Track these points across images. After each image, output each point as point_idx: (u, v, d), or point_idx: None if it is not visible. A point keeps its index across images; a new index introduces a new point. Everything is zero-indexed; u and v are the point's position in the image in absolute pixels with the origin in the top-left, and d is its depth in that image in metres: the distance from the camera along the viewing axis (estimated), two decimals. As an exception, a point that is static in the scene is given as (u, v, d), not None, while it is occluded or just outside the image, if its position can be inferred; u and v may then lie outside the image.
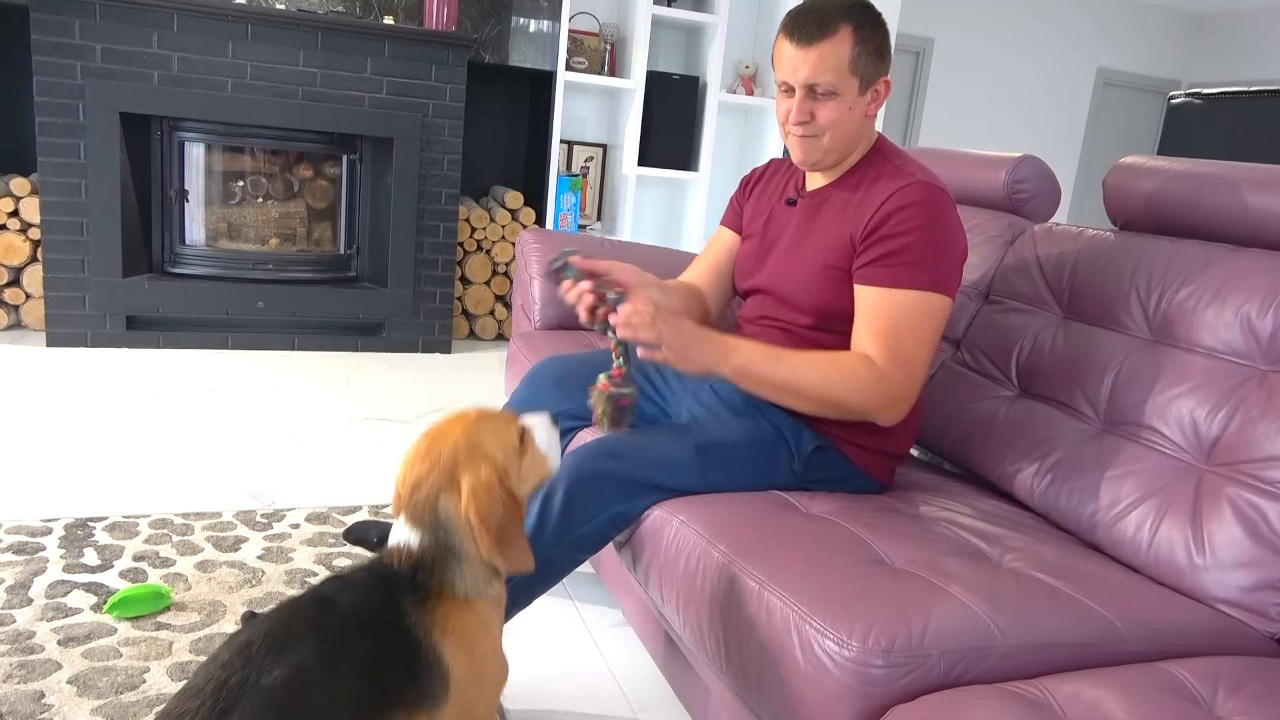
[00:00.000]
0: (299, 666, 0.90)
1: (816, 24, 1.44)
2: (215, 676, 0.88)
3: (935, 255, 1.44)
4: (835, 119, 1.48)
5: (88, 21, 3.14)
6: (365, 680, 0.94)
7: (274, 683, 0.88)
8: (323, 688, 0.91)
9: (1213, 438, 1.37)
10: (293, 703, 0.88)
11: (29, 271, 3.45)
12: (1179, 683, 1.03)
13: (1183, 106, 3.00)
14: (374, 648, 0.96)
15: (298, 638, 0.92)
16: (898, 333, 1.43)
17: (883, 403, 1.44)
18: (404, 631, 0.99)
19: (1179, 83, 7.91)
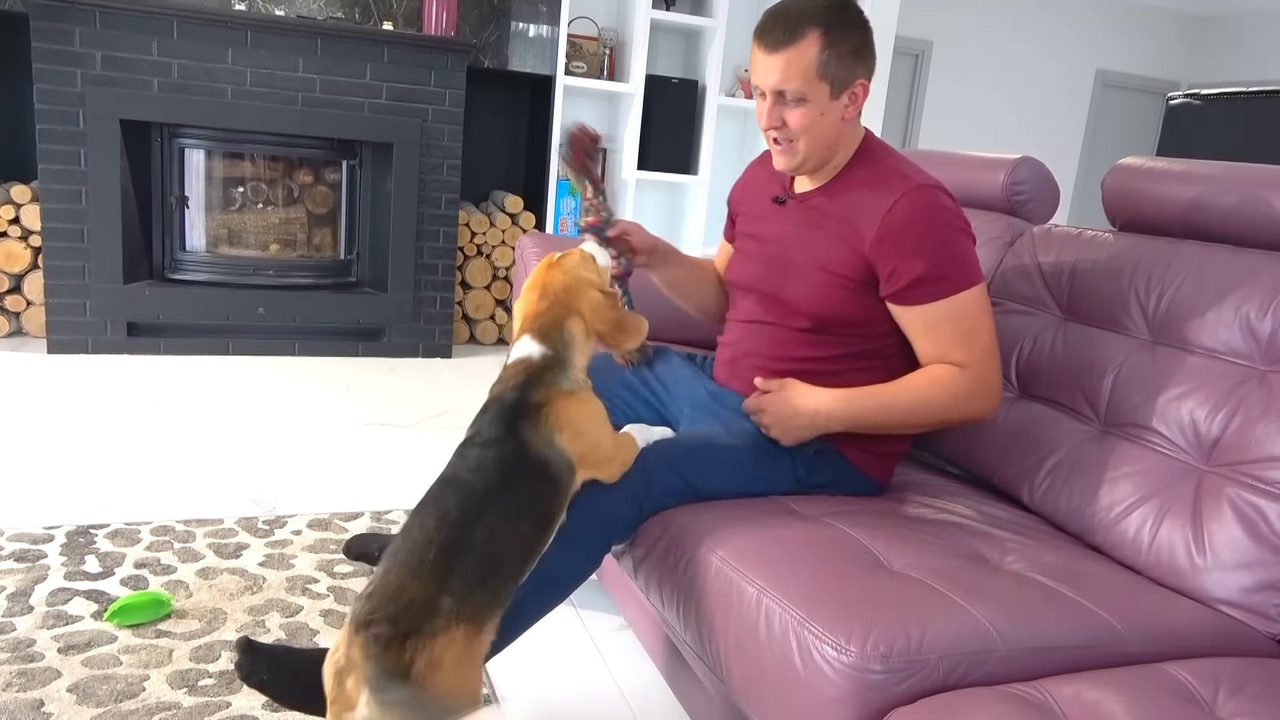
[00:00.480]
0: (495, 526, 1.16)
1: (783, 29, 1.43)
2: (412, 547, 1.13)
3: (957, 254, 1.46)
4: (806, 125, 1.48)
5: (88, 29, 3.15)
6: (534, 515, 1.22)
7: (476, 538, 1.14)
8: (513, 532, 1.19)
9: (1213, 438, 1.37)
10: (499, 552, 1.16)
11: (30, 279, 3.46)
12: (1180, 684, 1.03)
13: (1181, 107, 3.00)
14: (523, 486, 1.22)
15: (477, 498, 1.18)
16: (973, 334, 1.46)
17: (989, 400, 1.48)
18: (534, 457, 1.23)
19: (1178, 84, 7.91)
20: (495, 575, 1.15)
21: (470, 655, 1.11)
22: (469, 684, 1.11)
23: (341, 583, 1.89)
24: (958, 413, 1.48)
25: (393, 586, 1.09)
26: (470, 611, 1.10)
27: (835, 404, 1.48)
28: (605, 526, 1.40)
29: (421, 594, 1.08)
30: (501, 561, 1.16)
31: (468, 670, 1.11)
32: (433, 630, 1.06)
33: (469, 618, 1.09)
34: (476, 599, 1.11)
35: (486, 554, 1.14)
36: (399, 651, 1.04)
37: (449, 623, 1.07)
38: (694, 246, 4.34)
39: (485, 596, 1.13)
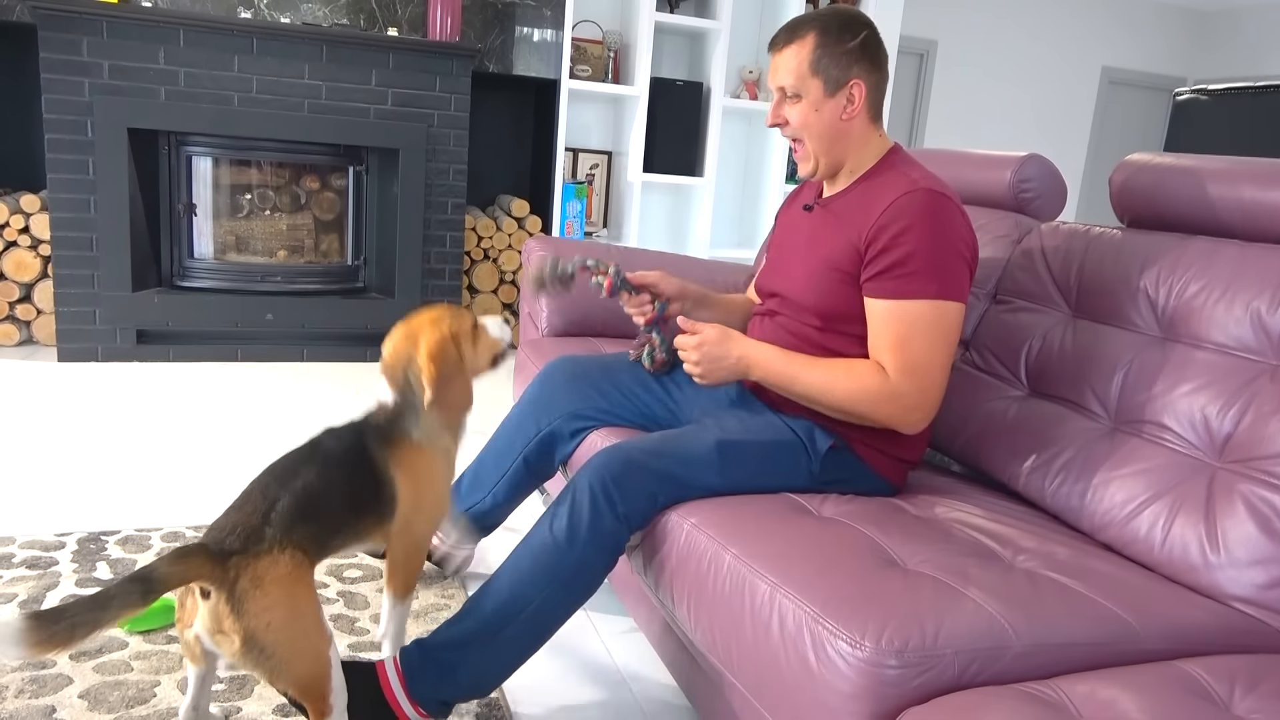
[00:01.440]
0: (307, 480, 1.30)
1: (787, 31, 1.55)
2: (255, 490, 1.28)
3: (940, 262, 1.44)
4: (803, 121, 1.55)
5: (95, 39, 3.16)
6: (350, 493, 1.35)
7: (296, 487, 1.28)
8: (326, 494, 1.31)
9: (1225, 434, 1.36)
10: (312, 499, 1.28)
11: (40, 287, 3.48)
12: (1195, 681, 1.02)
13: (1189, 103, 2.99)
14: (352, 473, 1.36)
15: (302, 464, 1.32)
16: (908, 344, 1.44)
17: (896, 413, 1.46)
18: (372, 465, 1.38)
19: (1184, 80, 7.88)
20: (315, 515, 1.28)
21: (295, 580, 1.22)
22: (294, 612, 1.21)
23: (351, 587, 1.89)
24: (862, 409, 1.47)
25: (223, 522, 1.24)
26: (295, 537, 1.24)
27: (758, 354, 1.54)
28: (624, 522, 1.41)
29: (246, 524, 1.23)
30: (319, 502, 1.29)
31: (291, 595, 1.21)
32: (255, 551, 1.20)
33: (293, 544, 1.23)
34: (300, 529, 1.25)
35: (305, 496, 1.28)
36: (224, 568, 1.18)
37: (272, 544, 1.21)
38: (700, 249, 4.34)
39: (307, 530, 1.26)
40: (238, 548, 1.19)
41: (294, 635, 1.20)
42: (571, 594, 1.41)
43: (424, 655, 1.37)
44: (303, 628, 1.22)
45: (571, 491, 1.42)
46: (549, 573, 1.39)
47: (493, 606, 1.38)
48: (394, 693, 1.36)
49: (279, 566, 1.20)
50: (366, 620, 1.78)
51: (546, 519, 1.42)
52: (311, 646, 1.23)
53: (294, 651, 1.20)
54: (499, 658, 1.39)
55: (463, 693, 1.38)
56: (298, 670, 1.21)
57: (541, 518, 1.43)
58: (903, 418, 1.46)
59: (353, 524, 1.36)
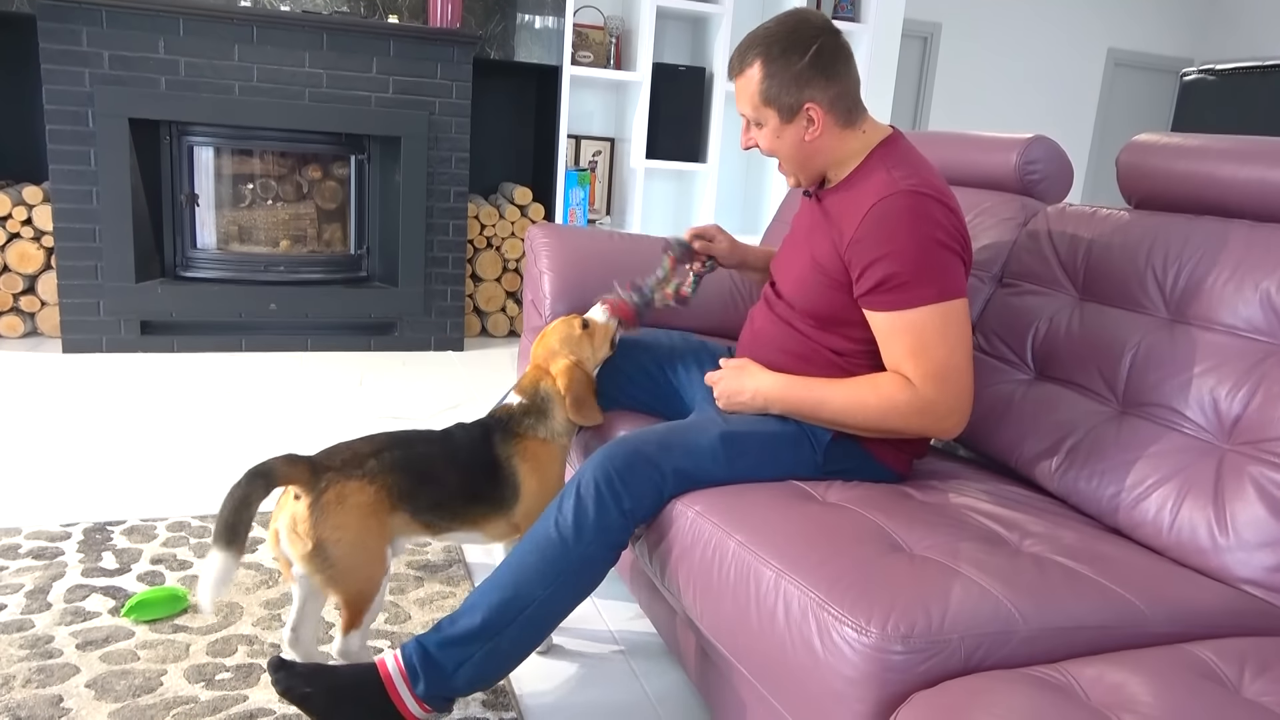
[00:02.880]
0: (429, 450, 1.49)
1: (738, 58, 1.52)
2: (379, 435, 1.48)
3: (932, 264, 1.40)
4: (771, 146, 1.54)
5: (94, 29, 3.15)
6: (463, 474, 1.51)
7: (416, 450, 1.48)
8: (440, 467, 1.48)
9: (1234, 416, 1.35)
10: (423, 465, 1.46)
11: (44, 279, 3.48)
12: (1204, 664, 1.01)
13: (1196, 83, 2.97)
14: (471, 460, 1.54)
15: (429, 440, 1.52)
16: (925, 351, 1.40)
17: (932, 423, 1.42)
18: (492, 456, 1.56)
19: (1190, 61, 7.82)
20: (418, 474, 1.45)
21: (373, 511, 1.39)
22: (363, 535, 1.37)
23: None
24: (895, 425, 1.44)
25: (341, 446, 1.44)
26: (389, 480, 1.41)
27: (774, 387, 1.53)
28: (629, 516, 1.40)
29: (355, 451, 1.42)
30: (431, 471, 1.47)
31: (365, 521, 1.38)
32: (350, 474, 1.38)
33: (385, 484, 1.40)
34: (398, 477, 1.42)
35: (418, 460, 1.46)
36: (318, 479, 1.36)
37: (366, 475, 1.39)
38: (704, 235, 4.32)
39: (405, 482, 1.43)
40: (336, 466, 1.38)
41: (357, 555, 1.37)
42: (576, 589, 1.41)
43: (425, 653, 1.36)
44: (367, 552, 1.38)
45: (576, 485, 1.41)
46: (554, 568, 1.38)
47: (497, 602, 1.37)
48: (397, 691, 1.35)
49: (364, 494, 1.37)
50: (372, 608, 1.77)
51: (551, 513, 1.41)
52: (369, 569, 1.39)
53: (352, 568, 1.37)
54: (501, 654, 1.38)
55: (465, 688, 1.38)
56: (350, 585, 1.38)
57: (546, 512, 1.43)
58: (939, 425, 1.43)
59: (462, 508, 1.51)
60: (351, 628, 1.43)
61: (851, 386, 1.46)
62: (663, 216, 4.62)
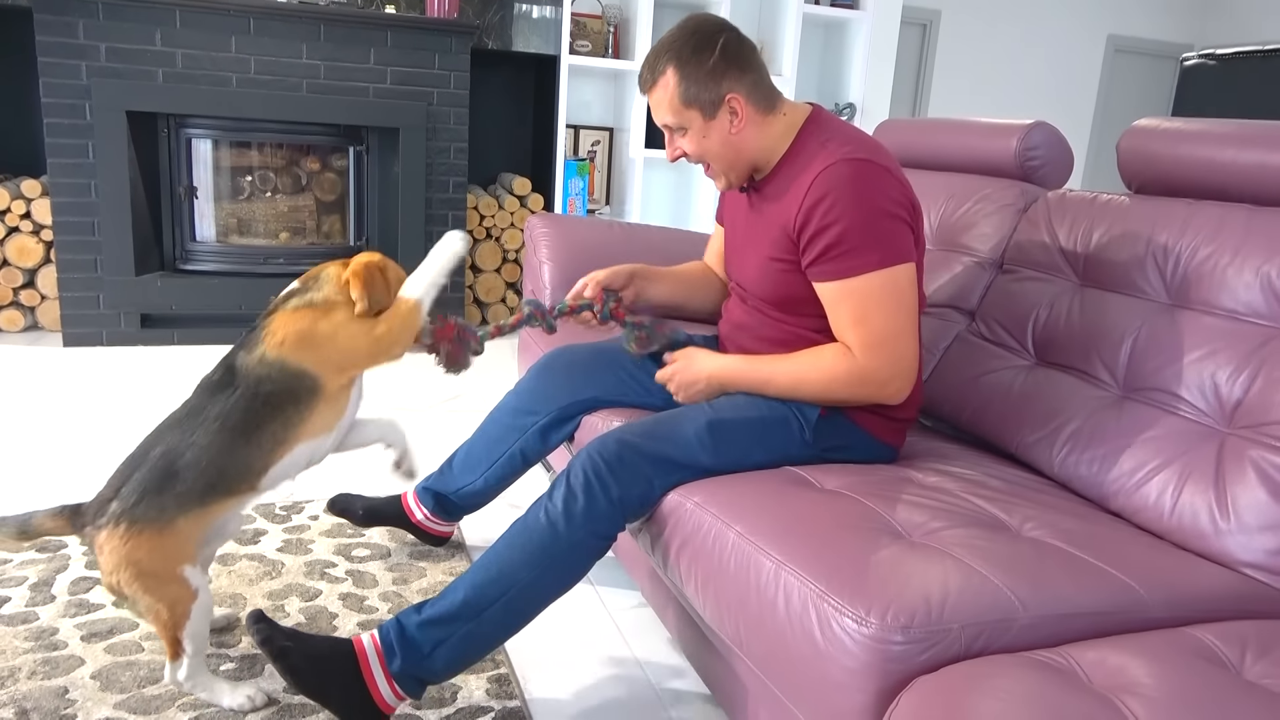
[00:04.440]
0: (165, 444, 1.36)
1: (648, 71, 1.53)
2: (121, 467, 1.38)
3: (876, 230, 1.41)
4: (699, 149, 1.54)
5: (91, 21, 3.14)
6: (218, 433, 1.36)
7: (150, 456, 1.36)
8: (187, 449, 1.35)
9: (1234, 401, 1.35)
10: (165, 463, 1.34)
11: (43, 273, 3.47)
12: (1205, 647, 1.02)
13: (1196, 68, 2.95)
14: (217, 409, 1.37)
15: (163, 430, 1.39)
16: (868, 318, 1.43)
17: (873, 390, 1.46)
18: (237, 382, 1.38)
19: (1190, 47, 7.78)
20: (166, 475, 1.34)
21: (137, 548, 1.32)
22: (139, 573, 1.32)
23: (360, 566, 1.90)
24: (839, 394, 1.47)
25: (101, 492, 1.37)
26: (137, 512, 1.32)
27: (723, 369, 1.57)
28: (618, 505, 1.40)
29: (100, 497, 1.35)
30: (182, 461, 1.35)
31: (132, 560, 1.32)
32: (97, 524, 1.33)
33: (134, 518, 1.32)
34: (147, 500, 1.33)
35: (159, 461, 1.35)
36: (82, 535, 1.34)
37: (109, 520, 1.33)
38: (703, 224, 4.32)
39: (156, 500, 1.33)
40: (89, 519, 1.35)
41: (144, 591, 1.33)
42: (560, 576, 1.41)
43: (403, 631, 1.36)
44: (151, 585, 1.33)
45: (566, 476, 1.42)
46: (540, 553, 1.38)
47: (479, 583, 1.38)
48: (371, 672, 1.35)
49: (115, 538, 1.32)
50: (375, 599, 1.78)
51: (542, 501, 1.42)
52: (166, 600, 1.35)
53: (149, 603, 1.34)
54: (480, 636, 1.37)
55: (442, 669, 1.37)
56: (153, 616, 1.35)
57: (537, 500, 1.43)
58: (880, 392, 1.46)
59: (249, 448, 1.37)
60: (174, 658, 1.39)
61: (795, 361, 1.51)
62: (662, 206, 4.61)
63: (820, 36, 4.68)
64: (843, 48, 4.55)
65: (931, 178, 2.13)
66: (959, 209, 1.99)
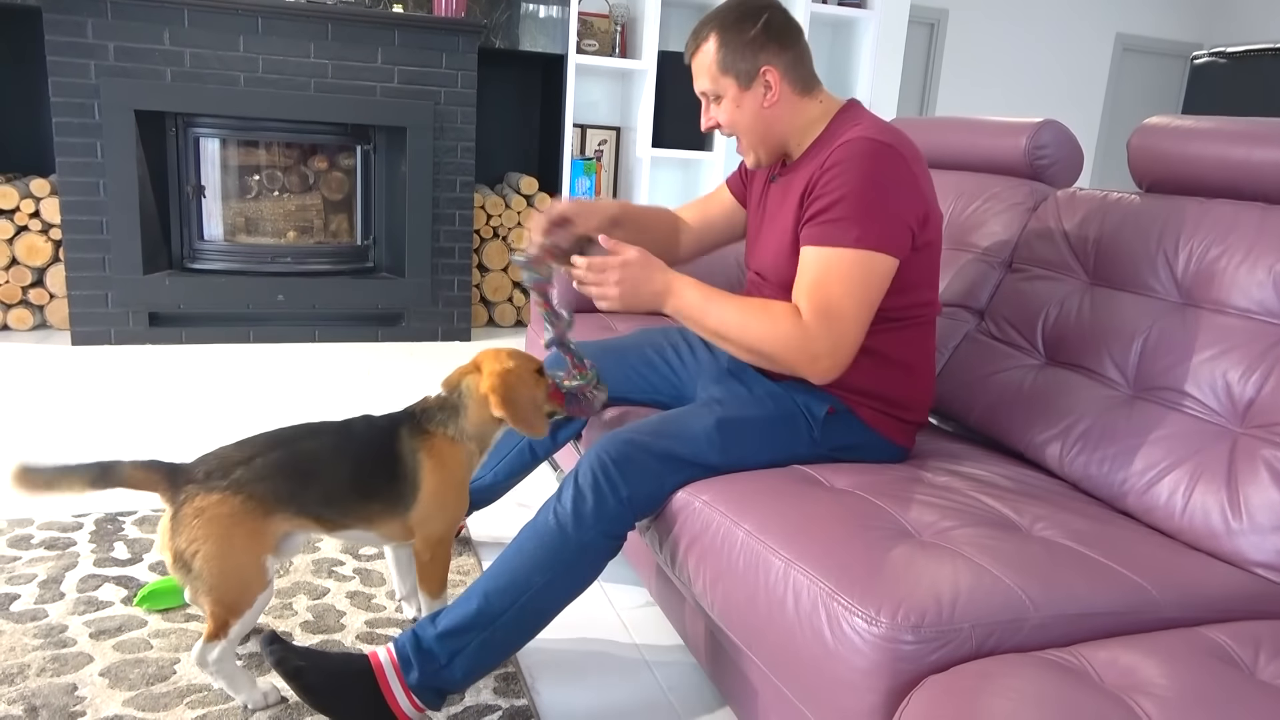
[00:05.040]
0: (317, 446, 1.40)
1: (692, 37, 1.56)
2: (262, 436, 1.39)
3: (870, 209, 1.40)
4: (732, 119, 1.56)
5: (100, 20, 3.15)
6: (356, 469, 1.41)
7: (299, 447, 1.39)
8: (328, 463, 1.39)
9: (1247, 400, 1.34)
10: (310, 463, 1.38)
11: (52, 271, 3.48)
12: (1218, 647, 1.01)
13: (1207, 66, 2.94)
14: (370, 454, 1.43)
15: (321, 434, 1.43)
16: (824, 287, 1.40)
17: (804, 357, 1.40)
18: (394, 451, 1.44)
19: (1199, 46, 7.75)
20: (301, 473, 1.36)
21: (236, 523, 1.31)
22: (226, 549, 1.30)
23: (367, 565, 1.90)
24: (771, 349, 1.41)
25: (213, 455, 1.36)
26: (260, 488, 1.33)
27: (680, 285, 1.48)
28: (628, 505, 1.40)
29: (224, 459, 1.34)
30: (318, 468, 1.38)
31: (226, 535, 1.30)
32: (210, 486, 1.31)
33: (254, 493, 1.32)
34: (272, 482, 1.34)
35: (303, 458, 1.38)
36: (177, 491, 1.31)
37: (230, 486, 1.31)
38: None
39: (282, 485, 1.34)
40: (199, 478, 1.31)
41: (220, 568, 1.31)
42: (574, 578, 1.40)
43: (419, 643, 1.36)
44: (233, 565, 1.32)
45: (574, 476, 1.41)
46: (552, 556, 1.38)
47: (492, 590, 1.37)
48: (389, 685, 1.34)
49: (226, 506, 1.30)
50: (383, 597, 1.78)
51: (550, 504, 1.42)
52: (236, 582, 1.33)
53: (216, 582, 1.31)
54: (496, 643, 1.37)
55: (461, 679, 1.37)
56: (216, 596, 1.32)
57: (546, 503, 1.43)
58: (812, 365, 1.41)
59: (356, 504, 1.42)
60: (214, 638, 1.35)
61: (745, 305, 1.46)
62: (669, 204, 4.60)
63: (828, 35, 4.68)
64: (850, 46, 4.54)
65: (941, 176, 2.12)
66: (968, 207, 1.98)
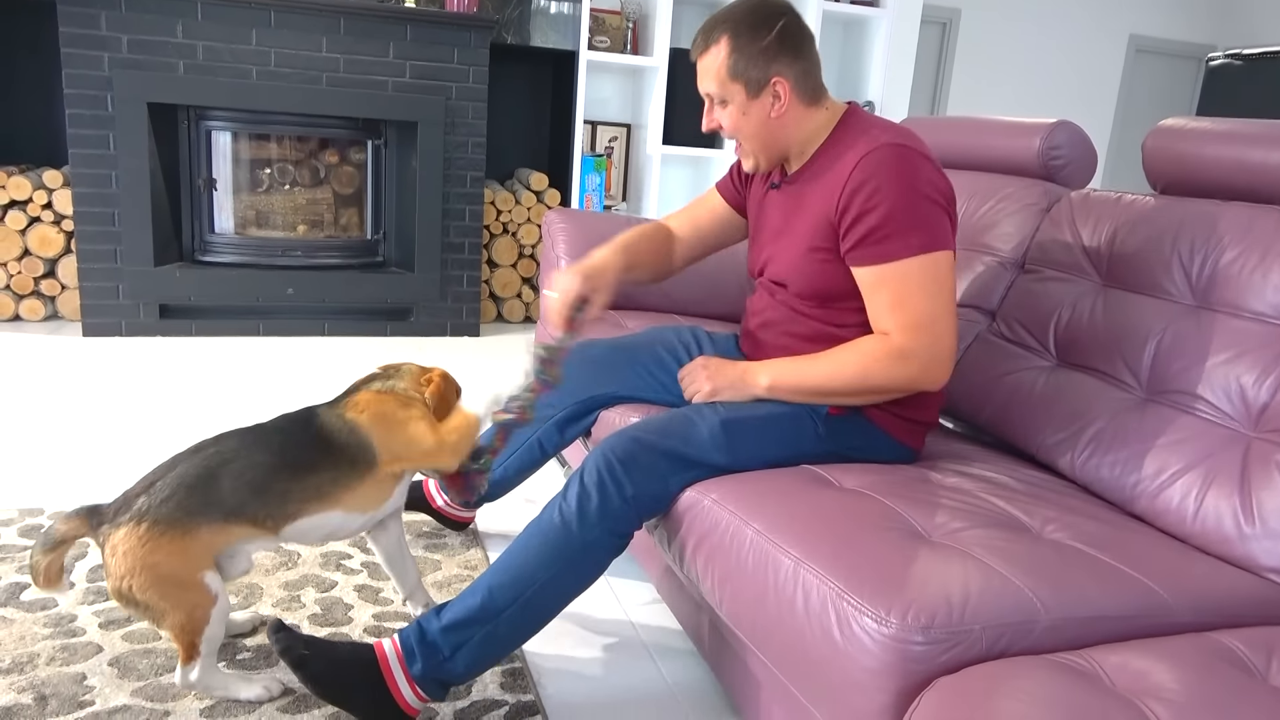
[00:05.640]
0: (220, 448, 1.37)
1: (702, 36, 1.53)
2: (161, 465, 1.37)
3: (918, 215, 1.40)
4: (735, 125, 1.54)
5: (113, 13, 3.16)
6: (280, 450, 1.39)
7: (201, 456, 1.36)
8: (237, 457, 1.36)
9: (1261, 404, 1.33)
10: (214, 465, 1.35)
11: (64, 263, 3.50)
12: (1230, 652, 1.00)
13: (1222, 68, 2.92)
14: (289, 435, 1.41)
15: (225, 437, 1.40)
16: (907, 301, 1.41)
17: (913, 372, 1.43)
18: (316, 431, 1.42)
19: (1213, 47, 7.70)
20: (208, 477, 1.34)
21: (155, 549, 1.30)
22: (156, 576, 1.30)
23: (375, 558, 1.90)
24: (878, 380, 1.44)
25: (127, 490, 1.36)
26: (165, 510, 1.31)
27: (762, 365, 1.54)
28: (632, 503, 1.40)
29: (127, 494, 1.34)
30: (222, 468, 1.35)
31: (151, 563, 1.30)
32: (117, 522, 1.31)
33: (160, 516, 1.30)
34: (178, 498, 1.32)
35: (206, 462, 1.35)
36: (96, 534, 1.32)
37: (133, 518, 1.31)
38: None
39: (191, 497, 1.32)
40: (109, 518, 1.33)
41: (159, 595, 1.31)
42: (577, 575, 1.41)
43: (423, 635, 1.37)
44: (168, 589, 1.31)
45: (580, 474, 1.42)
46: (555, 554, 1.38)
47: (496, 585, 1.38)
48: (393, 675, 1.35)
49: (132, 538, 1.30)
50: (390, 590, 1.78)
51: (556, 501, 1.42)
52: (180, 605, 1.33)
53: (162, 608, 1.32)
54: (499, 638, 1.38)
55: (463, 672, 1.37)
56: (169, 621, 1.33)
57: (552, 500, 1.43)
58: (922, 376, 1.43)
59: (295, 484, 1.38)
60: (188, 660, 1.37)
61: (832, 352, 1.49)
62: (678, 202, 4.60)
63: (840, 34, 4.66)
64: (862, 45, 4.52)
65: (953, 176, 2.11)
66: (980, 208, 1.97)
